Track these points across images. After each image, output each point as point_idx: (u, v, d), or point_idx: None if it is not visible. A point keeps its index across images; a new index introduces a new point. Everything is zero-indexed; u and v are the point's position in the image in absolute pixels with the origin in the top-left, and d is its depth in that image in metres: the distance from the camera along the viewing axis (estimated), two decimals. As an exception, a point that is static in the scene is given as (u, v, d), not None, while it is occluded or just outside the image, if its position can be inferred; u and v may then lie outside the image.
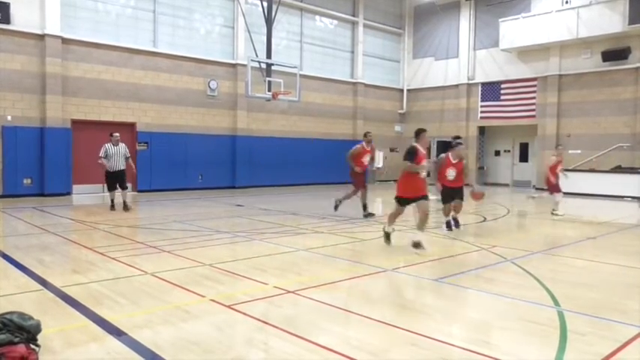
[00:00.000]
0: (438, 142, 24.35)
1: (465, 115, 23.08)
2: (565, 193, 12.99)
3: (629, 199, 15.99)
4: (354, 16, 22.93)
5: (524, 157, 22.56)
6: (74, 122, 15.27)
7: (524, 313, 4.81)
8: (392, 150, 24.74)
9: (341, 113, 22.47)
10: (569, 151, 19.70)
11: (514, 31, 20.72)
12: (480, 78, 22.69)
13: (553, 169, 12.33)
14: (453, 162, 9.37)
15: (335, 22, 22.43)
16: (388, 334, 4.12)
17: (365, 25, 23.29)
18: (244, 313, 4.49)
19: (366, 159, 11.31)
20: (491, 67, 22.33)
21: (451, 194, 9.47)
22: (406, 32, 25.27)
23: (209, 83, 18.01)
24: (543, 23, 19.93)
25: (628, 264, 7.26)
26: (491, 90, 22.34)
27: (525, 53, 21.13)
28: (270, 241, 8.23)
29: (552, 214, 12.18)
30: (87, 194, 15.40)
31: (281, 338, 3.96)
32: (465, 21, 23.10)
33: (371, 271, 6.22)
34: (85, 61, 15.42)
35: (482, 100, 22.66)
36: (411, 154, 7.35)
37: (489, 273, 6.38)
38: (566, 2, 19.71)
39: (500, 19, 21.13)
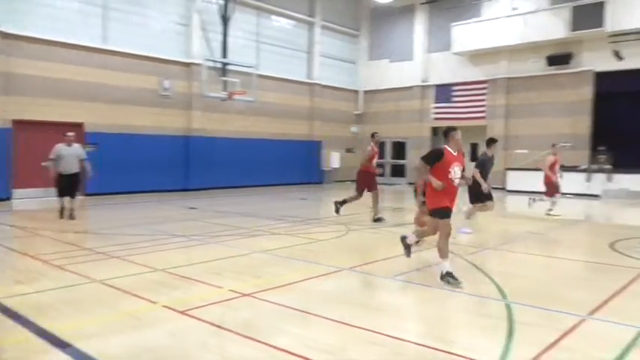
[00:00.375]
0: (394, 143, 24.78)
1: (418, 116, 23.54)
2: (511, 191, 13.42)
3: (570, 195, 16.72)
4: (311, 16, 22.98)
5: (474, 156, 23.20)
6: (16, 123, 14.50)
7: (475, 307, 4.98)
8: (348, 151, 24.93)
9: (297, 114, 22.47)
10: (516, 151, 20.43)
11: (465, 35, 21.29)
12: (434, 80, 23.20)
13: (552, 168, 12.14)
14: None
15: (292, 22, 22.41)
16: (346, 333, 4.15)
17: (322, 26, 23.38)
18: (199, 319, 4.42)
19: (375, 161, 11.24)
20: (444, 69, 22.86)
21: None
22: (363, 34, 25.54)
23: (162, 82, 17.61)
24: (493, 28, 20.57)
25: (571, 257, 7.61)
26: (444, 92, 22.87)
27: (476, 57, 21.75)
28: (226, 243, 8.14)
29: (547, 214, 11.98)
30: (30, 199, 14.64)
31: (237, 342, 3.93)
32: (420, 24, 23.56)
33: (328, 270, 6.25)
34: (29, 58, 14.73)
35: (435, 102, 23.17)
36: (434, 157, 5.88)
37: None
38: (515, 9, 20.40)
39: (452, 24, 21.67)
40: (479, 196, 9.05)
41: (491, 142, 9.42)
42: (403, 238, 6.52)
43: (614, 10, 17.54)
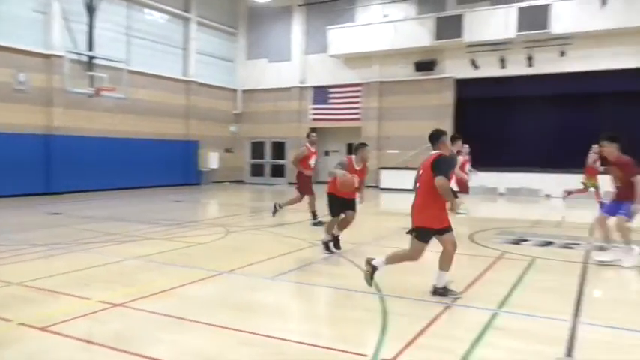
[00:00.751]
0: (273, 143, 24.90)
1: (297, 116, 23.91)
2: (384, 190, 14.13)
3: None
4: (186, 12, 22.21)
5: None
6: None
7: (352, 302, 5.17)
8: (227, 151, 24.56)
9: (173, 112, 21.60)
10: (388, 151, 21.61)
11: (341, 38, 22.06)
12: (312, 81, 23.71)
13: (462, 168, 11.83)
14: (357, 168, 7.46)
15: (166, 16, 21.47)
16: (225, 337, 4.07)
17: (198, 23, 22.72)
18: (63, 335, 4.03)
19: (312, 161, 10.55)
20: (321, 71, 23.46)
21: (342, 205, 7.45)
22: (241, 32, 25.29)
23: (17, 75, 15.86)
24: (366, 33, 21.56)
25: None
26: (321, 93, 23.48)
27: (351, 60, 22.64)
28: (94, 251, 7.55)
29: (457, 213, 12.49)
30: None
31: (108, 356, 3.66)
32: (298, 26, 23.93)
33: (207, 274, 6.08)
34: None
35: (313, 103, 23.71)
36: (449, 166, 5.49)
37: (321, 267, 6.71)
38: (386, 16, 21.59)
39: (328, 27, 22.31)
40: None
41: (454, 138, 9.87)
42: (443, 291, 5.22)
43: (471, 23, 19.32)
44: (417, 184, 5.38)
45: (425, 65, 20.84)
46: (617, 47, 17.67)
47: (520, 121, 19.37)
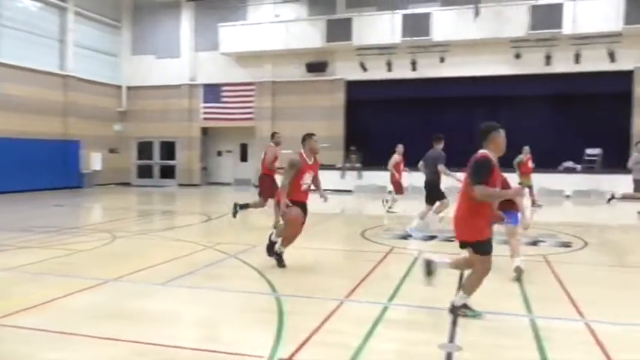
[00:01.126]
0: (162, 143, 23.89)
1: (187, 115, 23.18)
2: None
3: (329, 191, 18.60)
4: (62, 0, 20.55)
5: (244, 156, 23.95)
6: None
7: (248, 304, 5.14)
8: (111, 151, 23.12)
9: (49, 109, 19.87)
10: (282, 152, 21.66)
11: (232, 36, 21.76)
12: (202, 79, 23.12)
13: (397, 168, 13.00)
14: (310, 163, 6.52)
15: (39, 4, 19.70)
16: (115, 349, 3.84)
17: (76, 13, 21.11)
18: None
19: (277, 163, 10.16)
20: (212, 69, 22.95)
21: (303, 209, 6.50)
22: (125, 26, 23.93)
23: None
24: (258, 32, 21.48)
25: (333, 247, 8.44)
26: (213, 92, 22.98)
27: (243, 59, 22.42)
28: (-43, 263, 6.73)
29: (388, 211, 12.75)
30: None
31: (-26, 382, 3.28)
32: (187, 21, 23.17)
33: (91, 284, 5.68)
34: None
35: (204, 102, 23.14)
36: (487, 170, 4.34)
37: (215, 270, 6.58)
38: (277, 15, 21.67)
39: (219, 24, 21.89)
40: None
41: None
42: (429, 263, 4.84)
43: (359, 27, 20.05)
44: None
45: (316, 66, 21.25)
46: (489, 55, 19.35)
47: (407, 123, 20.42)
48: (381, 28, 19.87)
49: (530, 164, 13.76)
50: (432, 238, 9.02)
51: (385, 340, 4.10)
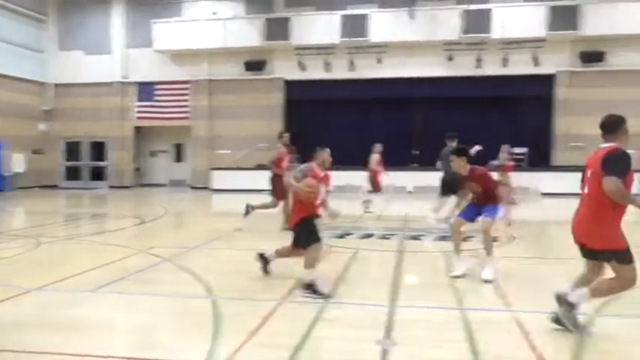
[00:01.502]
0: (92, 143, 22.83)
1: (120, 114, 22.27)
2: (217, 190, 13.94)
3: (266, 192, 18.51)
4: (-21, -9, 19.20)
5: (179, 157, 23.34)
6: None
7: (184, 308, 5.01)
8: (35, 152, 21.77)
9: (-35, 107, 18.50)
10: (220, 151, 21.34)
11: (167, 33, 21.10)
12: (135, 77, 22.26)
13: (378, 166, 12.86)
14: (322, 175, 5.83)
15: (-49, -6, 18.31)
16: (36, 364, 3.61)
17: (-5, 5, 19.79)
18: None
19: (285, 164, 9.92)
20: (146, 67, 22.13)
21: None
22: (51, 20, 22.64)
23: None
24: (194, 30, 20.95)
25: (271, 247, 8.34)
26: (146, 90, 22.17)
27: (178, 56, 21.82)
28: None
29: (365, 211, 12.53)
30: None
31: None
32: (118, 17, 22.22)
33: (12, 293, 5.32)
34: None
35: (138, 100, 22.31)
36: (628, 166, 3.87)
37: (149, 275, 6.34)
38: (214, 13, 21.22)
39: (153, 20, 21.19)
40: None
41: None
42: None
43: (298, 26, 20.04)
44: (586, 188, 4.11)
45: (255, 65, 21.04)
46: (424, 57, 19.91)
47: (345, 123, 20.63)
48: (319, 28, 19.95)
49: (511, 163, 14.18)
50: (370, 236, 9.14)
51: (324, 339, 4.11)
